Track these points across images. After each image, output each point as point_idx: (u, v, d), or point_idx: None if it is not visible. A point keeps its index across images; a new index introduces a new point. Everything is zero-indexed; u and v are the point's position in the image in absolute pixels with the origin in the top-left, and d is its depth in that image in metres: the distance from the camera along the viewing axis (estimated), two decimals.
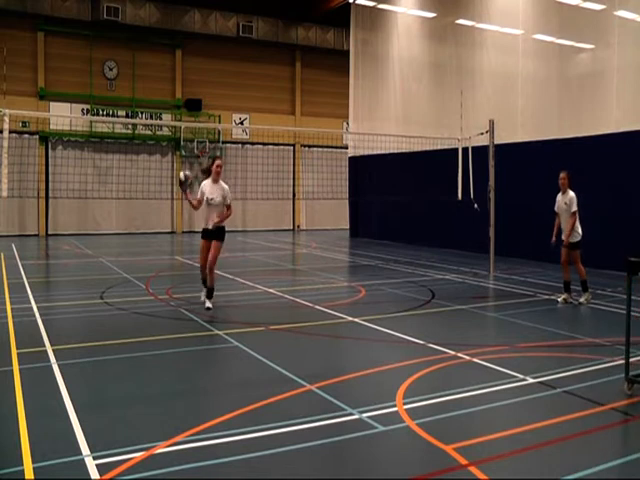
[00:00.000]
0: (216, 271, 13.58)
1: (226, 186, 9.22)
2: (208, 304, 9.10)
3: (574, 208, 9.60)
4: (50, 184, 23.34)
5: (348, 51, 24.33)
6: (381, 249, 18.72)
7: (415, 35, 20.24)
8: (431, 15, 19.52)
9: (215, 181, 9.16)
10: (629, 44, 13.28)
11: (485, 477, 3.78)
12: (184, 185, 9.37)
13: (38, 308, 9.14)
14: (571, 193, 9.71)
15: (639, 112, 12.91)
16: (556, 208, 9.89)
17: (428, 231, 19.32)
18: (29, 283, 11.63)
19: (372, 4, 22.29)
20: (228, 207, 9.20)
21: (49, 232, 23.88)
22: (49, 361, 6.38)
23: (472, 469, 3.88)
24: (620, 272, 12.65)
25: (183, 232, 26.35)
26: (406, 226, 20.45)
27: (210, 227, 9.15)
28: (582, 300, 9.75)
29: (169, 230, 26.22)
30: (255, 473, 3.94)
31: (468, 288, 11.54)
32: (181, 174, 9.53)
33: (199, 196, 9.23)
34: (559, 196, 9.87)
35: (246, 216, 27.66)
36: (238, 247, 20.66)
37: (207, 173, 9.29)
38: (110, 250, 18.66)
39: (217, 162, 9.18)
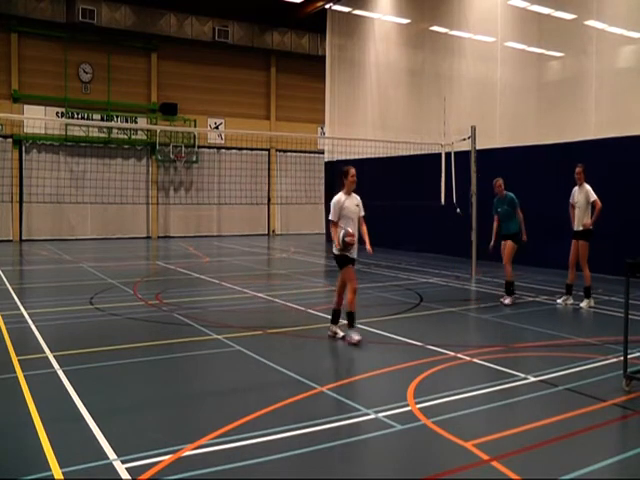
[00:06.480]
0: (201, 276, 13.64)
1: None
2: None
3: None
4: (24, 188, 23.01)
5: (323, 56, 24.50)
6: (359, 254, 18.82)
7: (392, 41, 20.52)
8: (407, 21, 19.83)
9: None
10: (607, 52, 13.74)
11: (509, 471, 3.95)
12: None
13: (29, 315, 9.05)
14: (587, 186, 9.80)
15: (618, 118, 13.36)
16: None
17: (404, 236, 19.55)
18: (14, 289, 11.49)
19: (348, 10, 22.53)
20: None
21: (23, 237, 23.44)
22: (53, 367, 6.35)
23: (495, 464, 4.04)
24: (598, 274, 13.11)
25: (159, 237, 26.16)
26: (382, 231, 20.60)
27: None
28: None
29: (145, 235, 26.00)
30: (283, 473, 4.02)
31: (453, 291, 11.78)
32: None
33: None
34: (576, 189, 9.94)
35: (221, 221, 27.62)
36: (216, 252, 20.66)
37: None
38: (88, 255, 18.45)
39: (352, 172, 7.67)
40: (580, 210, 9.79)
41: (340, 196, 7.65)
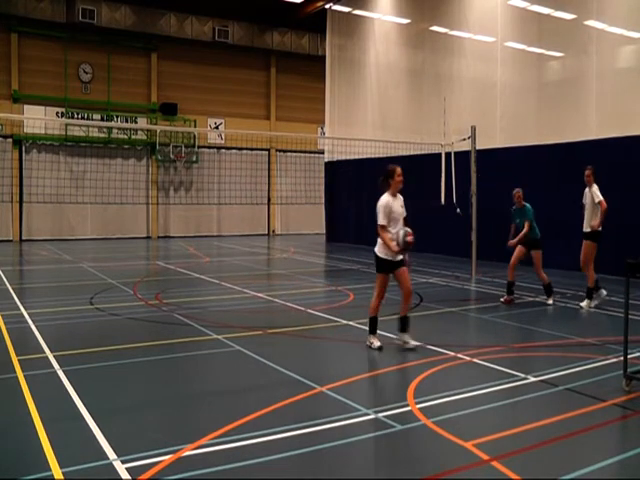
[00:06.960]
0: (201, 276, 13.64)
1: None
2: None
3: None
4: (24, 188, 23.01)
5: (323, 56, 24.49)
6: (359, 253, 18.87)
7: (392, 41, 20.51)
8: (407, 21, 19.83)
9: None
10: (607, 52, 13.75)
11: (509, 471, 3.94)
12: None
13: (29, 315, 9.05)
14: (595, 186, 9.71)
15: (618, 118, 13.35)
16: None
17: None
18: (14, 289, 11.49)
19: (348, 10, 22.53)
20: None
21: (23, 237, 23.43)
22: (53, 367, 6.35)
23: (495, 464, 4.05)
24: (599, 274, 13.09)
25: (159, 237, 26.16)
26: None
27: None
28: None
29: (145, 235, 25.99)
30: (283, 473, 4.02)
31: (453, 291, 11.78)
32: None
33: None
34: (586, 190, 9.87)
35: (221, 221, 27.61)
36: (216, 252, 20.67)
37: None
38: (89, 255, 18.46)
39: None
40: (587, 211, 9.78)
41: (388, 198, 7.37)
